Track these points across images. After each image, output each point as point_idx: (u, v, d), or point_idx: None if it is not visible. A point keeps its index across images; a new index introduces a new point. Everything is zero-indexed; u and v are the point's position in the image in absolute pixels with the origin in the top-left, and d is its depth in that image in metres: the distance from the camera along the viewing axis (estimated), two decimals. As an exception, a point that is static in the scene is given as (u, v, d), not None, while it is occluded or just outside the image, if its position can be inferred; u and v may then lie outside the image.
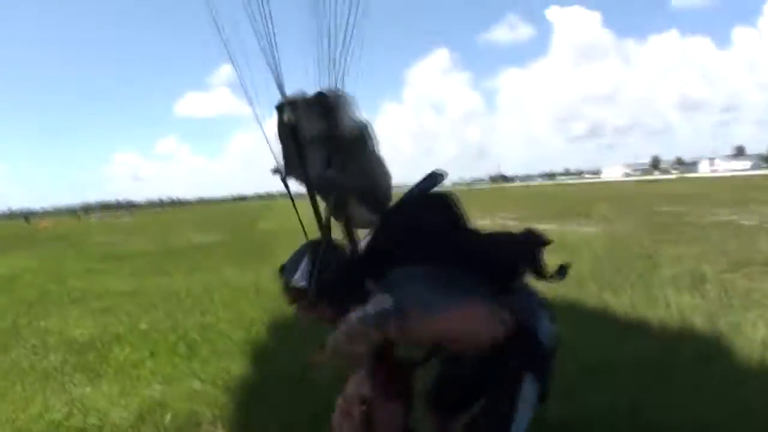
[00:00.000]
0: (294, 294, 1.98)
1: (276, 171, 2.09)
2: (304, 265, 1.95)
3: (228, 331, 5.96)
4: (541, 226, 13.01)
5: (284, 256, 2.08)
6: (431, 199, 1.94)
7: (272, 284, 7.63)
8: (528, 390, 1.83)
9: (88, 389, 4.51)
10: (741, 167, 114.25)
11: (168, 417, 3.80)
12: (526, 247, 1.84)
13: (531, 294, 1.97)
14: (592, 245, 10.49)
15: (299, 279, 1.94)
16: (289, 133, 1.98)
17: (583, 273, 7.52)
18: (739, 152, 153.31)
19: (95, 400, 4.23)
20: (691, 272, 7.35)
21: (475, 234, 1.89)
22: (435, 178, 1.94)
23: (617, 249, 10.09)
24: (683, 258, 8.56)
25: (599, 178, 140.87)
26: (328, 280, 1.90)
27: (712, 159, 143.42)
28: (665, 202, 22.97)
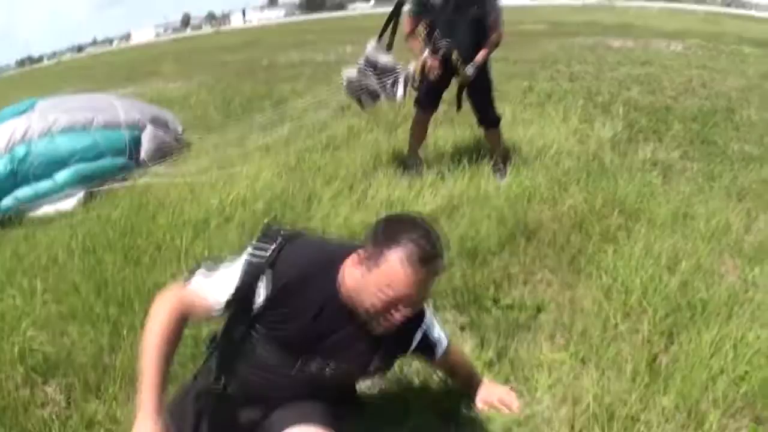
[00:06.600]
0: None
1: None
2: None
3: None
4: (122, 90, 12.88)
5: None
6: None
7: None
8: None
9: None
10: (275, 16, 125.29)
11: None
12: None
13: None
14: (195, 98, 11.50)
15: None
16: None
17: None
18: (272, 2, 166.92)
19: None
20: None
21: None
22: None
23: (236, 93, 11.26)
24: (305, 92, 9.85)
25: (129, 42, 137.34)
26: None
27: (244, 10, 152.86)
28: (225, 52, 24.38)
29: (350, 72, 4.90)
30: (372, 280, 1.73)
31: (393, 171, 5.38)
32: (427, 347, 2.18)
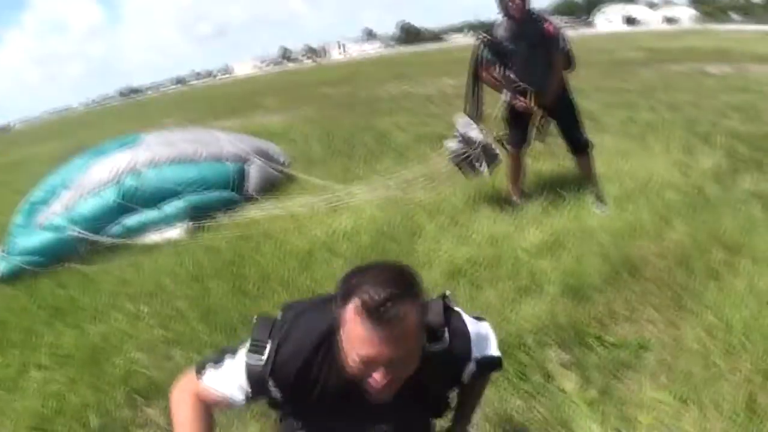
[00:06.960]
0: None
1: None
2: None
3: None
4: (225, 123, 13.49)
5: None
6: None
7: None
8: None
9: None
10: (372, 48, 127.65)
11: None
12: None
13: None
14: (297, 132, 11.98)
15: None
16: None
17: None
18: (369, 35, 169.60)
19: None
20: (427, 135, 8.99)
21: None
22: None
23: (338, 127, 11.64)
24: (407, 125, 10.14)
25: (230, 75, 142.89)
26: None
27: (341, 43, 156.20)
28: (325, 86, 25.13)
29: (451, 143, 5.34)
30: (343, 340, 1.50)
31: (495, 205, 5.47)
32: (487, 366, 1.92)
